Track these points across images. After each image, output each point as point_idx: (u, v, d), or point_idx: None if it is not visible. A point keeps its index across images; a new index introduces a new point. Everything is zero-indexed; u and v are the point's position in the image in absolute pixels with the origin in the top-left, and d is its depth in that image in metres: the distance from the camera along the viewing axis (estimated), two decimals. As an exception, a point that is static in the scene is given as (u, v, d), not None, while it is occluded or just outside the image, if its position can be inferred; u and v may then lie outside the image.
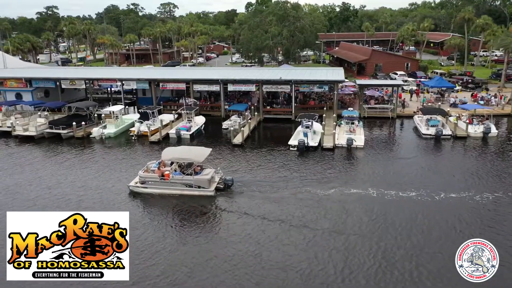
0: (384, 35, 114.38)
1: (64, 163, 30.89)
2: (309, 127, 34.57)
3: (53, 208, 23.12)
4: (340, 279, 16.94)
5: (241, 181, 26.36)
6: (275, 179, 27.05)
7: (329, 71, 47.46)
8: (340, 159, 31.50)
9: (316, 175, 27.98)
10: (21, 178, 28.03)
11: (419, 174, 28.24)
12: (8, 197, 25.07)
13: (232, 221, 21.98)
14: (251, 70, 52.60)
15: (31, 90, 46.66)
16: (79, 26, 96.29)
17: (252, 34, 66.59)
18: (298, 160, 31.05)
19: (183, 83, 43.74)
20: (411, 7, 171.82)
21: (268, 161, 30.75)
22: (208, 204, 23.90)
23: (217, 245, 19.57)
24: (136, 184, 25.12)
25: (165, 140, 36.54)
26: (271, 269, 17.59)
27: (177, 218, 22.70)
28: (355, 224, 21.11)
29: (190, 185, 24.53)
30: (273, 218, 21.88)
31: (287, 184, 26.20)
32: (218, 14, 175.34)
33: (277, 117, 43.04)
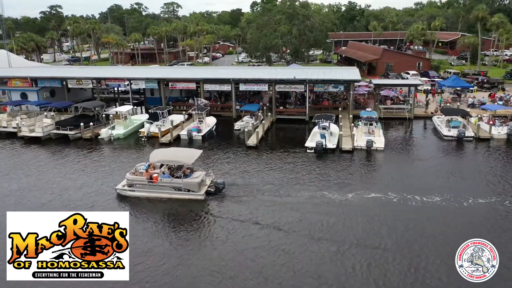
0: (391, 34, 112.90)
1: (73, 165, 29.64)
2: (326, 128, 33.24)
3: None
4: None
5: (249, 184, 25.40)
6: (290, 182, 25.90)
7: (343, 70, 46.13)
8: (359, 162, 30.22)
9: (334, 178, 26.75)
10: (27, 181, 26.80)
11: (442, 178, 26.90)
12: (11, 200, 23.83)
13: (220, 228, 20.68)
14: (263, 69, 51.29)
15: (37, 90, 45.46)
16: (84, 25, 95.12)
17: (260, 33, 65.24)
18: (316, 163, 29.73)
19: (193, 82, 42.42)
20: (417, 6, 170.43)
21: (285, 164, 29.44)
22: (197, 209, 22.74)
23: (198, 255, 18.38)
24: (124, 187, 24.12)
25: (176, 141, 35.26)
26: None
27: (161, 223, 21.46)
28: (381, 235, 19.50)
29: (179, 188, 23.39)
30: (276, 226, 20.59)
31: (302, 187, 25.04)
32: (222, 13, 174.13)
33: (290, 118, 41.71)
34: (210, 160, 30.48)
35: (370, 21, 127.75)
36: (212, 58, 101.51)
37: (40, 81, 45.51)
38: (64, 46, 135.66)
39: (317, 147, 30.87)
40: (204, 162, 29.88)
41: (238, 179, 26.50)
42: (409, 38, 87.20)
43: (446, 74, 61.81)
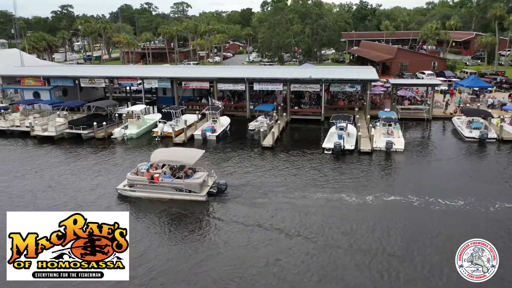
0: (403, 34, 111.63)
1: (86, 166, 29.14)
2: (343, 129, 32.43)
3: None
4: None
5: (263, 185, 24.79)
6: (306, 184, 25.25)
7: (360, 70, 45.21)
8: (378, 164, 29.38)
9: (353, 180, 25.99)
10: (40, 181, 26.37)
11: (465, 180, 26.11)
12: (23, 201, 23.37)
13: (224, 230, 20.13)
14: (278, 68, 50.53)
15: (49, 89, 45.21)
16: (95, 25, 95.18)
17: (273, 32, 64.45)
18: (334, 164, 28.96)
19: (207, 81, 41.82)
20: (428, 6, 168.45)
21: (301, 165, 28.72)
22: (197, 210, 22.18)
23: (198, 258, 17.79)
24: (124, 187, 23.66)
25: (190, 141, 34.67)
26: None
27: (160, 224, 21.02)
28: (406, 242, 18.62)
29: (181, 189, 22.88)
30: (286, 230, 19.82)
31: (319, 189, 24.34)
32: (232, 13, 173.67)
33: (304, 118, 40.89)
34: (224, 161, 29.88)
35: (382, 20, 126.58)
36: (222, 57, 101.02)
37: (52, 80, 45.25)
38: (75, 45, 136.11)
39: (335, 148, 30.07)
40: (218, 163, 29.37)
41: (253, 180, 25.89)
42: (423, 38, 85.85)
43: (463, 74, 60.58)
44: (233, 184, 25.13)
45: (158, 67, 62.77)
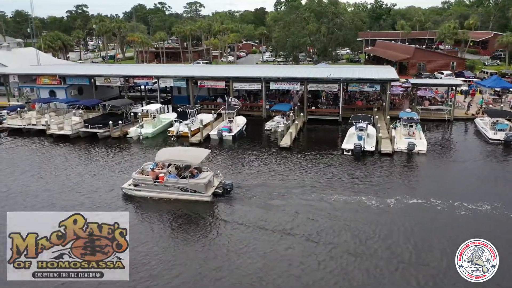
0: (419, 33, 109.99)
1: (103, 165, 28.86)
2: (363, 129, 31.63)
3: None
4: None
5: (279, 186, 24.29)
6: (325, 186, 24.65)
7: (379, 69, 44.26)
8: (400, 166, 28.57)
9: (374, 183, 25.27)
10: (57, 181, 26.14)
11: (490, 184, 25.25)
12: (38, 201, 23.11)
13: (228, 232, 19.71)
14: (294, 68, 49.80)
15: (65, 88, 45.18)
16: (109, 24, 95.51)
17: (288, 31, 63.69)
18: (354, 166, 28.20)
19: (223, 81, 41.31)
20: (444, 5, 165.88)
21: (320, 166, 28.06)
22: (202, 211, 21.78)
23: (197, 259, 17.49)
24: (129, 186, 23.44)
25: (206, 141, 34.20)
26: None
27: (164, 224, 20.70)
28: (433, 250, 17.74)
29: (186, 189, 22.53)
30: (298, 234, 19.20)
31: (338, 191, 23.76)
32: (245, 13, 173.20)
33: (322, 118, 40.10)
34: (241, 161, 29.36)
35: (397, 20, 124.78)
36: (236, 57, 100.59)
37: (68, 78, 45.21)
38: (89, 45, 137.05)
39: (355, 149, 29.31)
40: (234, 163, 28.86)
41: (269, 181, 25.42)
42: (440, 37, 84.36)
43: (483, 75, 59.11)
44: (248, 184, 24.77)
45: (173, 66, 62.44)
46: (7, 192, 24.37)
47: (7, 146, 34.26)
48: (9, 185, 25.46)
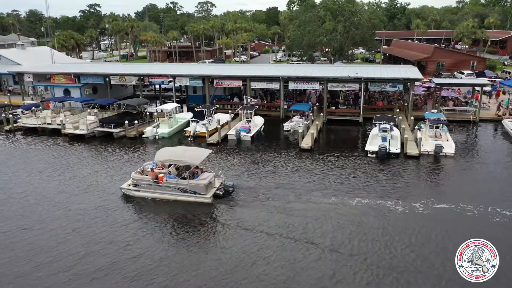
0: (435, 33, 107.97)
1: (120, 166, 28.08)
2: (387, 131, 30.45)
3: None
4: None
5: (296, 188, 23.47)
6: (349, 189, 23.63)
7: (400, 68, 42.94)
8: (428, 169, 27.39)
9: (400, 186, 24.29)
10: (72, 183, 25.41)
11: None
12: (53, 204, 22.36)
13: (230, 237, 18.91)
14: (313, 67, 48.64)
15: (80, 86, 44.64)
16: (122, 23, 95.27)
17: (304, 30, 62.50)
18: (378, 169, 27.08)
19: (240, 80, 40.37)
20: (458, 4, 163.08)
21: (343, 169, 27.00)
22: (202, 213, 21.04)
23: (194, 264, 16.79)
24: (129, 187, 22.90)
25: (224, 142, 33.30)
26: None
27: (161, 226, 19.95)
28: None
29: (185, 190, 21.89)
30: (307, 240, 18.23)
31: (361, 194, 22.83)
32: (256, 12, 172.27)
33: (341, 119, 38.94)
34: (260, 163, 28.37)
35: (412, 19, 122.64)
36: (249, 56, 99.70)
37: (83, 77, 44.68)
38: (101, 44, 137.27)
39: (380, 151, 28.15)
40: (254, 165, 27.92)
41: (289, 184, 24.51)
42: (458, 36, 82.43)
43: (505, 74, 57.42)
44: (267, 186, 24.04)
45: (189, 65, 61.69)
46: (23, 194, 23.74)
47: (22, 146, 33.72)
48: (24, 187, 24.84)
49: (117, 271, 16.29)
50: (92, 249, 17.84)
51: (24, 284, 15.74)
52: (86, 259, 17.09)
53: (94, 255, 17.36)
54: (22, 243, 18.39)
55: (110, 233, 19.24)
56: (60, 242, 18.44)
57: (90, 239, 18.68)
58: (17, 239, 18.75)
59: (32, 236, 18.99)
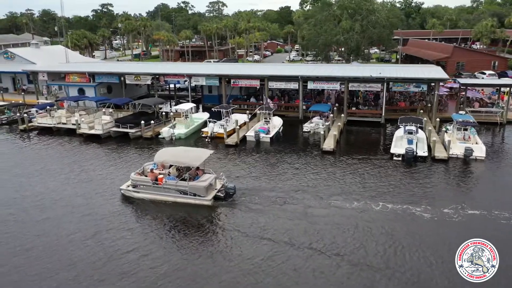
0: (452, 32, 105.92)
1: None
2: (413, 132, 29.25)
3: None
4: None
5: (317, 192, 22.31)
6: (373, 193, 22.57)
7: (424, 68, 41.63)
8: (457, 173, 26.20)
9: (428, 191, 23.14)
10: (88, 186, 24.65)
11: None
12: (70, 211, 21.60)
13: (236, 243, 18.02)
14: (332, 66, 47.53)
15: (94, 86, 44.08)
16: (135, 23, 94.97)
17: (320, 29, 61.30)
18: (405, 172, 25.93)
19: (258, 79, 39.39)
20: (473, 3, 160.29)
21: (368, 172, 25.90)
22: (201, 216, 20.36)
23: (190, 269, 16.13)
24: (128, 188, 22.38)
25: (242, 143, 32.35)
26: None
27: (159, 229, 19.39)
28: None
29: (185, 192, 21.27)
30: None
31: (386, 198, 21.81)
32: (268, 12, 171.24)
33: (362, 120, 37.73)
34: (281, 165, 27.41)
35: (427, 18, 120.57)
36: (262, 56, 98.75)
37: (97, 76, 44.11)
38: (113, 44, 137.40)
39: (407, 154, 26.93)
40: (274, 168, 26.97)
41: (311, 187, 23.54)
42: (477, 36, 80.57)
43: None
44: (286, 189, 23.14)
45: (205, 64, 60.93)
46: (40, 197, 23.00)
47: (37, 146, 33.10)
48: (40, 189, 24.09)
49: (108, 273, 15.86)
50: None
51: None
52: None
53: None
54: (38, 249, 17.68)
55: (104, 234, 18.73)
56: (77, 249, 17.67)
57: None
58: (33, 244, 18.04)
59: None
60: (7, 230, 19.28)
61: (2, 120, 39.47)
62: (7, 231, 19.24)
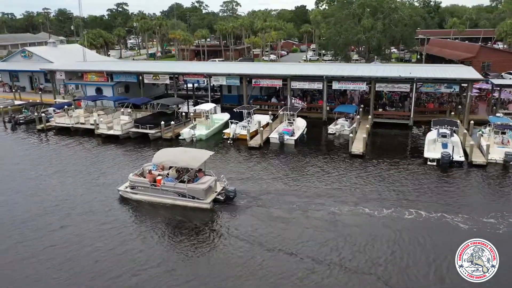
0: (473, 32, 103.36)
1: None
2: (446, 136, 27.69)
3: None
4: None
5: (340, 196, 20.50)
6: (406, 201, 21.13)
7: (454, 68, 39.93)
8: (497, 179, 24.69)
9: (467, 199, 21.80)
10: (105, 190, 23.63)
11: None
12: (88, 218, 20.61)
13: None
14: (358, 66, 46.00)
15: (112, 85, 43.26)
16: (151, 22, 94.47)
17: (341, 28, 59.71)
18: (441, 178, 24.52)
19: (280, 79, 38.12)
20: (492, 2, 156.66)
21: (399, 178, 24.47)
22: (198, 220, 19.60)
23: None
24: (126, 189, 21.85)
25: (265, 145, 31.11)
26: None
27: (154, 232, 18.64)
28: None
29: (183, 194, 20.60)
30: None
31: (422, 208, 20.28)
32: (282, 11, 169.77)
33: (388, 122, 36.17)
34: (308, 169, 26.11)
35: (446, 17, 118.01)
36: (278, 55, 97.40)
37: (115, 75, 43.29)
38: (128, 43, 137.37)
39: (443, 159, 25.44)
40: (300, 171, 25.70)
41: (339, 192, 22.45)
42: (501, 35, 78.07)
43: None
44: (313, 195, 22.02)
45: (224, 63, 59.91)
46: (55, 202, 22.01)
47: (56, 147, 32.34)
48: (57, 193, 23.18)
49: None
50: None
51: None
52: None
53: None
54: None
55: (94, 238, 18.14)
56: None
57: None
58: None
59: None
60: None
61: (20, 119, 38.87)
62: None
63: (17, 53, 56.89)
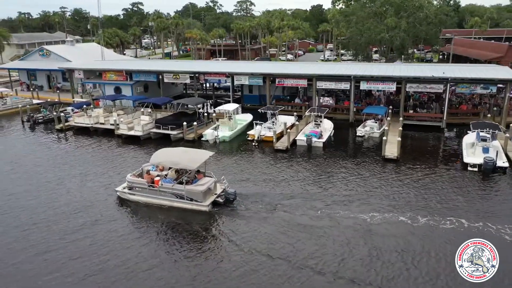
0: (495, 31, 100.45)
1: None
2: (486, 140, 26.03)
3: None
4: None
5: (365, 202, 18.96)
6: (447, 212, 19.31)
7: (488, 68, 38.10)
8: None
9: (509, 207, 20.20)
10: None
11: None
12: (113, 227, 19.51)
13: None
14: (387, 66, 44.28)
15: (131, 84, 42.34)
16: (167, 21, 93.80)
17: (363, 26, 58.03)
18: (484, 185, 22.94)
19: (305, 79, 36.72)
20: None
21: (436, 185, 22.87)
22: (196, 223, 18.85)
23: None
24: (124, 190, 21.26)
25: (292, 148, 29.75)
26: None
27: (149, 235, 17.94)
28: None
29: (182, 196, 19.89)
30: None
31: (465, 217, 18.80)
32: (296, 11, 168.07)
33: (419, 124, 34.52)
34: (341, 174, 24.66)
35: (466, 17, 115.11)
36: (295, 55, 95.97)
37: (135, 74, 42.36)
38: (143, 42, 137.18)
39: (487, 164, 23.80)
40: (330, 177, 24.27)
41: (373, 199, 21.07)
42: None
43: None
44: (346, 200, 20.71)
45: (245, 63, 58.76)
46: (73, 207, 21.00)
47: (75, 147, 31.39)
48: (76, 196, 22.21)
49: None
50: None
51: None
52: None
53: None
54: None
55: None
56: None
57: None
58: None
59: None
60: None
61: (38, 118, 38.14)
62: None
63: (35, 52, 56.45)
